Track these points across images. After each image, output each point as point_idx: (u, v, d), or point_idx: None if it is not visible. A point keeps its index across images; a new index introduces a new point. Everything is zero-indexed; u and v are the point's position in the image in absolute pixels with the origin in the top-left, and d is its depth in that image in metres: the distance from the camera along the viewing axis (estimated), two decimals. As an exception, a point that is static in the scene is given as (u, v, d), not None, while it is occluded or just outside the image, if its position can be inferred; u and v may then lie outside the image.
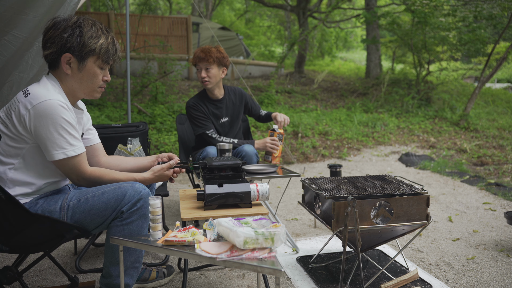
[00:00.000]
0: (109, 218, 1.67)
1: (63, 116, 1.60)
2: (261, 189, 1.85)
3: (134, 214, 1.66)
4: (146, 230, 1.73)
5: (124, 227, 1.67)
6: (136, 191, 1.66)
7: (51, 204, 1.68)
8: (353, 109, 8.22)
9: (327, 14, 12.40)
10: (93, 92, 1.78)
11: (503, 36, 8.01)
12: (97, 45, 1.68)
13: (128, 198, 1.64)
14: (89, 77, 1.72)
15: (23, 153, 1.64)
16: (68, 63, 1.67)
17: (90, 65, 1.70)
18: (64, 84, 1.72)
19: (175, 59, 8.04)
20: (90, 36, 1.66)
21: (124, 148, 2.51)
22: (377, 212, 1.96)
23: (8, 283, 1.73)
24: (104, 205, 1.65)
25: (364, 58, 14.45)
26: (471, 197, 3.87)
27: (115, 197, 1.65)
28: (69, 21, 1.66)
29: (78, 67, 1.69)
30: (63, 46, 1.64)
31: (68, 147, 1.62)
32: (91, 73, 1.71)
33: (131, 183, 1.69)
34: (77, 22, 1.66)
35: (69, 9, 2.72)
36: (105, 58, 1.72)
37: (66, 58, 1.66)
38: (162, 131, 5.90)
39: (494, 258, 2.53)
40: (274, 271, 1.30)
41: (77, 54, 1.66)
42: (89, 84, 1.74)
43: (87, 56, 1.68)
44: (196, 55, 2.89)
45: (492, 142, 6.56)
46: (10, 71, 2.71)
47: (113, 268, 1.74)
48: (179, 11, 20.08)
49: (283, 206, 3.62)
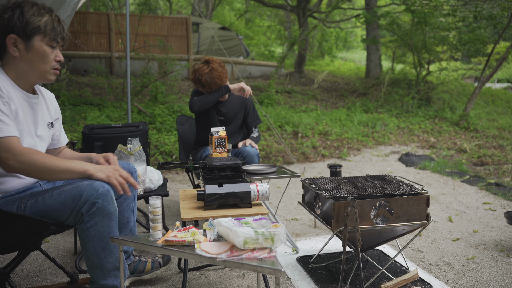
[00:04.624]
0: (69, 218, 1.60)
1: None
2: (261, 189, 1.85)
3: (95, 215, 1.59)
4: (115, 228, 1.65)
5: (89, 230, 1.61)
6: (94, 189, 1.57)
7: (8, 204, 1.62)
8: (353, 109, 8.22)
9: (327, 14, 12.41)
10: (46, 74, 1.70)
11: (503, 36, 8.01)
12: (41, 22, 1.62)
13: (86, 198, 1.56)
14: (39, 56, 1.65)
15: None
16: (14, 45, 1.62)
17: (38, 44, 1.64)
18: (13, 69, 1.65)
19: (175, 59, 8.05)
20: (32, 14, 1.62)
21: (124, 148, 2.51)
22: (377, 212, 1.96)
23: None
24: (61, 205, 1.59)
25: (364, 58, 14.45)
26: (471, 197, 3.87)
27: (72, 197, 1.58)
28: (8, 4, 1.62)
29: (26, 48, 1.63)
30: (6, 27, 1.60)
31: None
32: (41, 52, 1.64)
33: (89, 181, 1.60)
34: (16, 3, 1.63)
35: (69, 9, 2.72)
36: (52, 36, 1.65)
37: (12, 40, 1.61)
38: (162, 131, 5.90)
39: (494, 258, 2.53)
40: (274, 271, 1.30)
41: (22, 34, 1.61)
42: (40, 65, 1.67)
43: (33, 34, 1.62)
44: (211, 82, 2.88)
45: (492, 142, 6.56)
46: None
47: (93, 272, 1.68)
48: (179, 11, 20.10)
49: (283, 206, 3.62)
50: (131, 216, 1.97)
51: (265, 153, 5.55)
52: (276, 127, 6.46)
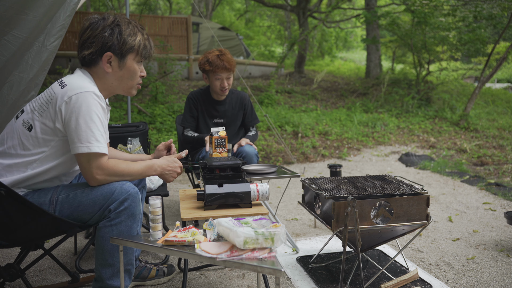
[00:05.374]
0: (96, 215, 1.65)
1: (96, 111, 1.60)
2: (261, 189, 1.85)
3: (122, 214, 1.64)
4: (135, 230, 1.70)
5: (112, 227, 1.65)
6: (124, 190, 1.64)
7: (41, 196, 1.67)
8: (353, 109, 8.22)
9: (327, 14, 12.41)
10: (131, 89, 1.81)
11: (503, 36, 8.01)
12: (135, 42, 1.71)
13: (116, 196, 1.63)
14: (130, 74, 1.75)
15: (51, 145, 1.65)
16: (109, 61, 1.69)
17: (130, 62, 1.73)
18: (102, 82, 1.74)
19: (175, 59, 8.05)
20: (128, 34, 1.70)
21: (124, 148, 2.52)
22: (377, 212, 1.96)
23: (11, 280, 1.73)
24: (92, 202, 1.64)
25: (364, 58, 14.45)
26: (471, 197, 3.87)
27: (103, 194, 1.64)
28: (106, 21, 1.68)
29: (119, 65, 1.71)
30: (104, 45, 1.67)
31: (93, 142, 1.60)
32: (131, 70, 1.75)
33: (121, 182, 1.68)
34: (115, 21, 1.69)
35: (69, 9, 2.72)
36: (143, 54, 1.76)
37: (107, 57, 1.68)
38: (162, 131, 5.90)
39: (494, 258, 2.53)
40: (274, 271, 1.30)
41: (118, 52, 1.69)
42: (129, 81, 1.77)
43: (127, 53, 1.71)
44: (219, 64, 2.84)
45: (492, 142, 6.56)
46: (10, 71, 2.70)
47: (103, 270, 1.71)
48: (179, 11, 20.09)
49: (283, 206, 3.62)
50: None
51: (265, 153, 5.55)
52: (276, 127, 6.46)
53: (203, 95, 3.01)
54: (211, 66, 2.85)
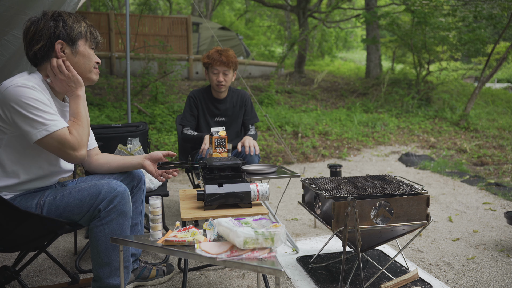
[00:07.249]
0: (85, 215, 1.65)
1: (31, 96, 1.56)
2: (261, 189, 1.85)
3: (112, 212, 1.64)
4: (127, 228, 1.71)
5: (104, 226, 1.65)
6: (111, 188, 1.64)
7: (28, 201, 1.67)
8: (353, 109, 8.22)
9: (327, 14, 12.40)
10: (90, 74, 1.79)
11: (503, 36, 8.01)
12: (82, 28, 1.73)
13: (104, 195, 1.63)
14: (85, 59, 1.75)
15: (2, 144, 1.62)
16: (62, 50, 1.69)
17: (82, 48, 1.73)
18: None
19: (175, 59, 8.05)
20: (73, 21, 1.71)
21: (124, 148, 2.51)
22: (377, 212, 1.96)
23: (6, 282, 1.73)
24: (79, 202, 1.64)
25: (364, 58, 14.45)
26: (471, 197, 3.87)
27: (90, 195, 1.64)
28: (47, 15, 1.69)
29: (72, 52, 1.71)
30: (52, 35, 1.67)
31: (48, 123, 1.56)
32: (86, 54, 1.75)
33: (107, 180, 1.69)
34: (55, 13, 1.71)
35: (69, 9, 2.72)
36: (92, 40, 1.77)
37: (59, 45, 1.68)
38: (162, 131, 5.90)
39: (494, 258, 2.53)
40: (274, 271, 1.30)
41: (68, 40, 1.69)
42: (86, 66, 1.76)
43: (77, 39, 1.71)
44: (216, 58, 2.83)
45: (492, 142, 6.56)
46: (10, 71, 2.71)
47: (101, 270, 1.71)
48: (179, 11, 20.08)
49: (283, 206, 3.62)
50: (139, 218, 2.01)
51: (265, 153, 5.55)
52: (276, 127, 6.46)
53: (204, 93, 3.02)
54: (209, 59, 2.87)
